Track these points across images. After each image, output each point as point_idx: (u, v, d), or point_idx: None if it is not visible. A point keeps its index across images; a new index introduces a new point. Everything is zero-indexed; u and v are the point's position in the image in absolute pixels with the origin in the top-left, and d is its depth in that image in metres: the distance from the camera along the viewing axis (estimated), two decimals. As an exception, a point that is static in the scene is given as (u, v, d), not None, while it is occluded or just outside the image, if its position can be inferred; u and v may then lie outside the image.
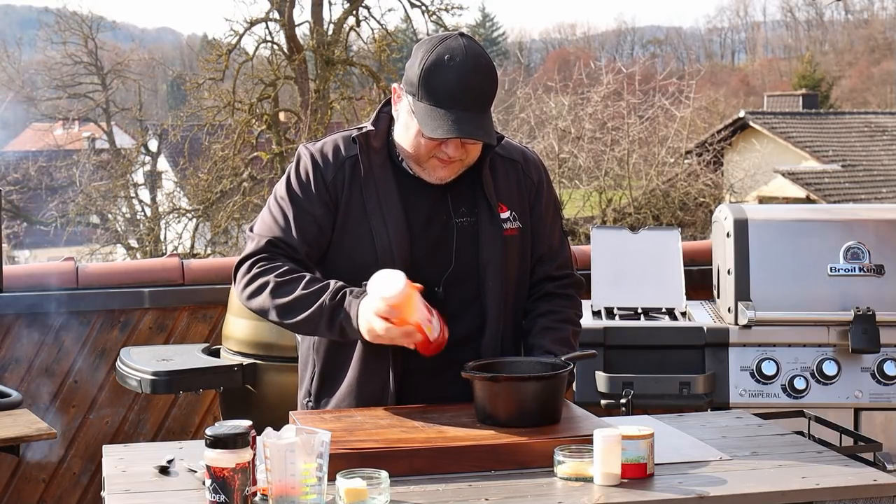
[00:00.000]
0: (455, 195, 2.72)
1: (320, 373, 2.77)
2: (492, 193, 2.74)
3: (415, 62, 2.61)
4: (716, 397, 3.84)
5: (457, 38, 2.61)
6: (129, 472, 2.40)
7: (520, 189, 2.79)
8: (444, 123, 2.54)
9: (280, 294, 2.59)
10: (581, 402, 3.71)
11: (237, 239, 18.71)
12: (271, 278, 2.61)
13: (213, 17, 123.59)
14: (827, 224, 3.97)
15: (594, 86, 18.32)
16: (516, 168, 2.81)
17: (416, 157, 2.65)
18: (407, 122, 2.64)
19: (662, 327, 3.95)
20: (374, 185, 2.68)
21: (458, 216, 2.72)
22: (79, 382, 4.67)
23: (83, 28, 22.33)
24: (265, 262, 2.64)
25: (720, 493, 2.25)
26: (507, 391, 2.48)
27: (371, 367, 2.68)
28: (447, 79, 2.55)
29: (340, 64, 19.84)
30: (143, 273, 4.81)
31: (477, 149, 2.67)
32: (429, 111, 2.56)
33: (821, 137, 24.43)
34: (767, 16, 72.16)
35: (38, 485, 4.66)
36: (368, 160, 2.70)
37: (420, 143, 2.61)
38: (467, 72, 2.56)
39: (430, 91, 2.56)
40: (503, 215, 2.74)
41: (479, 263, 2.70)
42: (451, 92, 2.55)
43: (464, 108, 2.55)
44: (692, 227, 16.62)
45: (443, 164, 2.64)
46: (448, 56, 2.56)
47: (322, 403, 2.77)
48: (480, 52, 2.61)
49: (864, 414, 3.87)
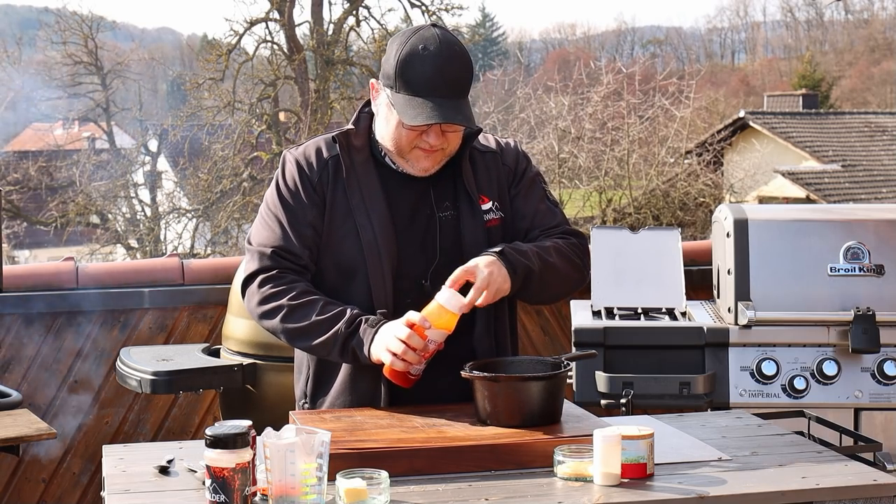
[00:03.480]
0: (437, 189, 2.76)
1: (314, 374, 2.79)
2: (472, 186, 2.76)
3: (390, 55, 2.65)
4: (716, 397, 3.84)
5: (430, 29, 2.66)
6: (129, 472, 2.41)
7: (498, 178, 2.82)
8: (424, 111, 2.58)
9: (294, 319, 2.64)
10: (581, 402, 3.71)
11: (237, 239, 18.71)
12: (284, 302, 2.65)
13: (213, 17, 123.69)
14: (827, 224, 3.97)
15: (594, 86, 18.31)
16: (495, 159, 2.83)
17: (399, 149, 2.69)
18: (387, 116, 2.68)
19: (662, 327, 3.95)
20: (357, 182, 2.72)
21: (440, 210, 2.75)
22: (79, 382, 4.67)
23: (83, 28, 22.31)
24: (275, 280, 2.68)
25: (720, 493, 2.25)
26: (508, 391, 2.48)
27: (361, 370, 2.70)
28: (423, 68, 2.59)
29: (340, 64, 19.86)
30: (143, 273, 4.80)
31: (457, 137, 2.70)
32: (407, 101, 2.60)
33: (821, 137, 24.43)
34: (767, 16, 72.14)
35: (38, 485, 4.66)
36: (350, 158, 2.74)
37: (401, 133, 2.65)
38: (443, 60, 2.60)
39: (407, 81, 2.60)
40: (484, 207, 2.77)
41: (464, 256, 2.71)
42: (428, 80, 2.59)
43: (441, 94, 2.59)
44: (692, 227, 16.61)
45: (426, 154, 2.67)
46: (422, 46, 2.61)
47: (318, 404, 2.79)
48: (454, 41, 2.65)
49: (864, 414, 3.87)
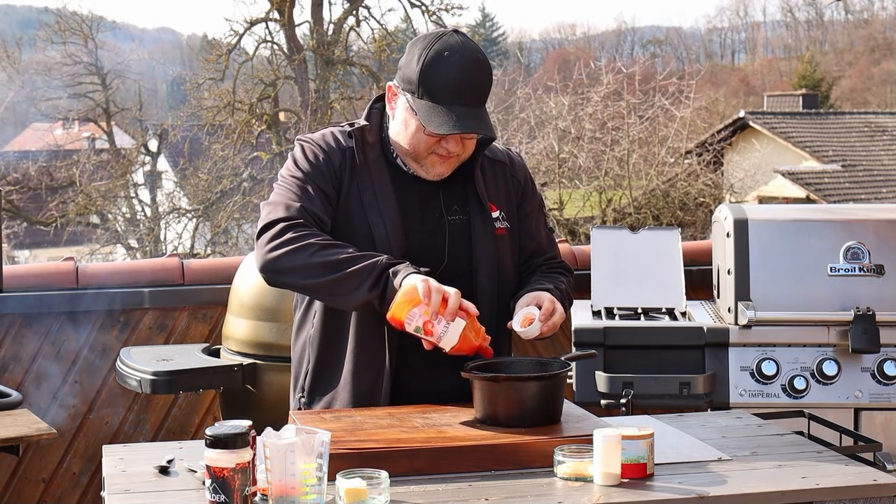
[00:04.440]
0: (447, 193, 2.76)
1: (314, 367, 2.77)
2: (483, 193, 2.77)
3: (412, 60, 2.64)
4: (716, 397, 3.84)
5: (452, 35, 2.65)
6: (129, 472, 2.41)
7: (507, 190, 2.84)
8: (449, 119, 2.58)
9: (326, 254, 2.56)
10: (581, 402, 3.71)
11: (237, 239, 18.72)
12: (315, 240, 2.58)
13: (213, 17, 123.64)
14: (827, 224, 3.97)
15: (594, 86, 18.30)
16: (504, 170, 2.86)
17: (415, 154, 2.68)
18: (405, 120, 2.67)
19: (662, 327, 3.95)
20: (370, 178, 2.71)
21: (450, 213, 2.75)
22: (79, 382, 4.67)
23: (83, 28, 22.30)
24: (302, 228, 2.61)
25: (720, 493, 2.25)
26: (508, 391, 2.48)
27: (366, 359, 2.69)
28: (447, 75, 2.59)
29: (340, 64, 19.88)
30: (143, 273, 4.80)
31: (472, 144, 2.71)
32: (430, 108, 2.60)
33: (821, 137, 24.43)
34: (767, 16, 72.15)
35: (38, 485, 4.66)
36: (364, 154, 2.73)
37: (420, 139, 2.65)
38: (467, 68, 2.60)
39: (430, 88, 2.60)
40: (494, 214, 2.78)
41: (473, 261, 2.72)
42: (451, 88, 2.59)
43: (464, 103, 2.60)
44: (692, 227, 16.60)
45: (441, 160, 2.68)
46: (447, 53, 2.60)
47: (316, 398, 2.77)
48: (476, 49, 2.66)
49: (864, 414, 3.87)
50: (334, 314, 2.73)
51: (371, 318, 2.66)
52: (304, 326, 2.80)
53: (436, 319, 2.50)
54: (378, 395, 2.69)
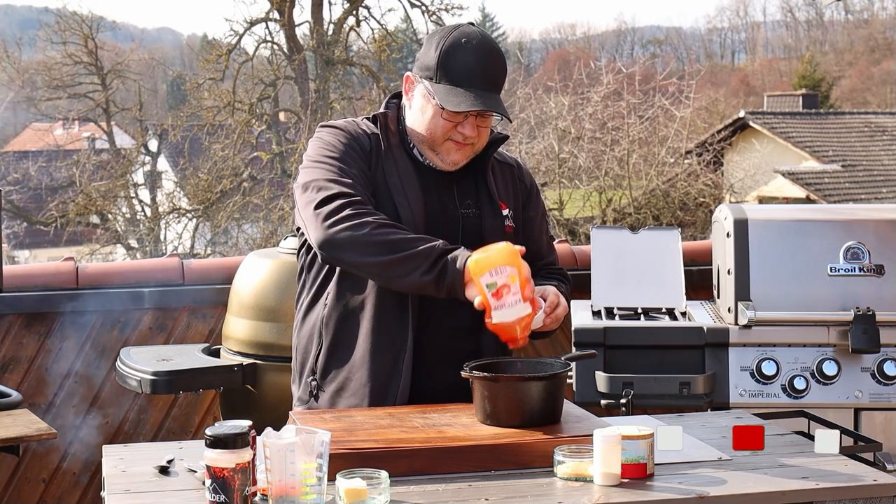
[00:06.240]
0: (461, 187, 2.82)
1: (329, 346, 2.77)
2: (494, 190, 2.84)
3: (430, 48, 2.73)
4: (716, 397, 3.84)
5: (469, 26, 2.76)
6: (129, 472, 2.41)
7: (514, 191, 2.92)
8: (467, 99, 2.66)
9: (384, 233, 2.58)
10: (581, 402, 3.71)
11: (237, 239, 18.72)
12: (372, 218, 2.60)
13: (213, 17, 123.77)
14: (827, 224, 3.97)
15: (594, 86, 18.31)
16: (512, 172, 2.95)
17: (432, 140, 2.74)
18: (423, 106, 2.74)
19: (662, 327, 3.95)
20: (395, 163, 2.76)
21: (463, 207, 2.80)
22: (79, 382, 4.67)
23: (83, 28, 22.28)
24: (360, 205, 2.63)
25: (720, 493, 2.25)
26: (508, 391, 2.48)
27: (387, 340, 2.71)
28: (466, 59, 2.68)
29: (340, 64, 19.87)
30: (143, 273, 4.80)
31: (486, 133, 2.78)
32: (449, 90, 2.68)
33: (821, 137, 24.43)
34: (767, 16, 72.15)
35: (38, 485, 4.66)
36: (387, 140, 2.78)
37: (438, 123, 2.71)
38: (484, 54, 2.70)
39: (449, 72, 2.68)
40: (504, 212, 2.85)
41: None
42: (470, 72, 2.68)
43: (482, 86, 2.68)
44: (692, 227, 16.61)
45: (457, 147, 2.74)
46: (465, 39, 2.70)
47: (329, 378, 2.76)
48: (492, 39, 2.77)
49: (864, 414, 3.87)
50: (349, 294, 2.75)
51: (391, 297, 2.69)
52: (314, 309, 2.81)
53: (514, 289, 2.49)
54: (400, 374, 2.70)
